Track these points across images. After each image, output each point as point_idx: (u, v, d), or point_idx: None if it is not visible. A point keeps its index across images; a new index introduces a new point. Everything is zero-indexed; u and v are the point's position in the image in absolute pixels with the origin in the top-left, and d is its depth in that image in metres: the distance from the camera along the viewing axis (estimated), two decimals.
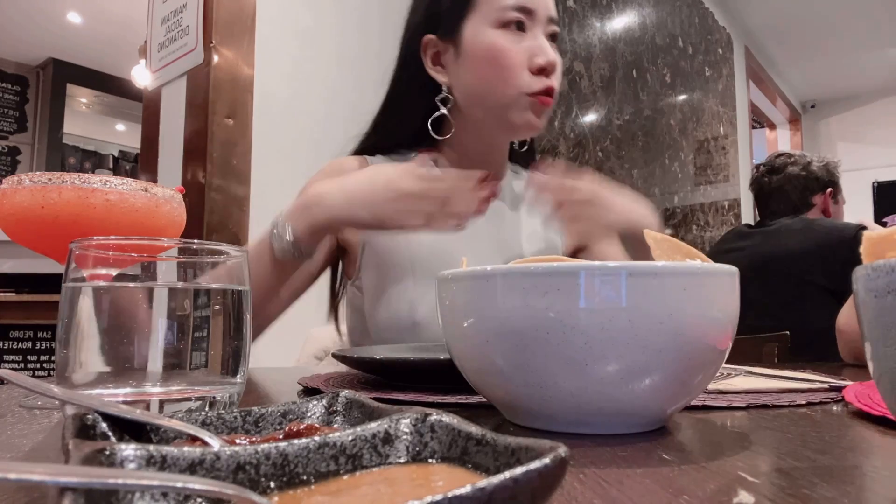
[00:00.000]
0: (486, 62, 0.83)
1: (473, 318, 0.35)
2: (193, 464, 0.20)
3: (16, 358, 2.20)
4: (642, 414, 0.35)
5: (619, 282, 0.31)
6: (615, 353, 0.32)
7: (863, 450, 0.31)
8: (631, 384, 0.33)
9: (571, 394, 0.33)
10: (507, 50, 0.82)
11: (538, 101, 0.83)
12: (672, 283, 0.32)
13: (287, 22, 1.71)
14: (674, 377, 0.33)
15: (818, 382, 0.53)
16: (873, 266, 0.25)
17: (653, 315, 0.31)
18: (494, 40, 0.83)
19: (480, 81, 0.85)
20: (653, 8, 3.34)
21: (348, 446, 0.23)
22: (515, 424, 0.38)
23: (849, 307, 0.96)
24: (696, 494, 0.23)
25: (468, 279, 0.35)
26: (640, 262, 0.32)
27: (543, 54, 0.82)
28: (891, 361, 0.25)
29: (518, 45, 0.83)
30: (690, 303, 0.32)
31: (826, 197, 1.88)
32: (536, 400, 0.34)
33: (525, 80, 0.83)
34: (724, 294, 0.34)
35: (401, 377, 0.55)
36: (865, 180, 5.27)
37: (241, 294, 0.41)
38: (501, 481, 0.16)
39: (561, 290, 0.32)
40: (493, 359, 0.35)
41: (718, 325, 0.34)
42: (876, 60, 5.09)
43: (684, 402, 0.36)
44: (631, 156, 3.09)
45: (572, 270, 0.32)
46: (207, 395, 0.38)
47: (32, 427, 0.37)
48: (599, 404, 0.33)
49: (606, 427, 0.35)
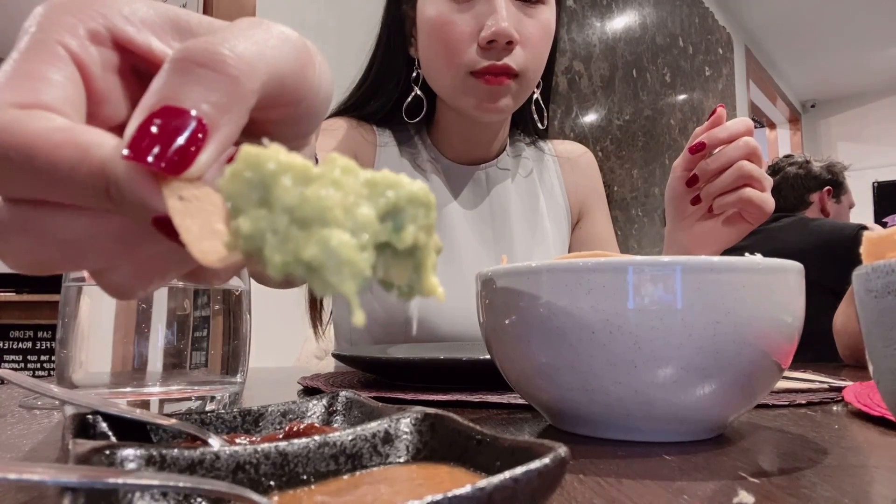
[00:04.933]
0: (429, 36, 0.73)
1: (515, 317, 0.33)
2: (193, 464, 0.20)
3: (16, 358, 2.20)
4: (698, 420, 0.33)
5: (671, 278, 0.29)
6: (667, 354, 0.30)
7: (863, 450, 0.31)
8: (685, 388, 0.30)
9: (619, 398, 0.31)
10: (449, 21, 0.71)
11: (484, 81, 0.71)
12: (729, 279, 0.29)
13: (287, 22, 1.70)
14: (732, 381, 0.31)
15: (818, 382, 0.53)
16: (873, 266, 0.25)
17: (708, 314, 0.29)
18: (437, 9, 0.72)
19: (427, 59, 0.76)
20: (653, 7, 3.34)
21: (348, 446, 0.23)
22: (561, 431, 0.36)
23: (844, 308, 0.96)
24: (696, 494, 0.23)
25: (509, 276, 0.34)
26: (694, 258, 0.30)
27: (493, 22, 0.68)
28: (891, 361, 0.25)
29: (464, 12, 0.71)
30: (750, 301, 0.30)
31: (823, 195, 1.88)
32: (583, 404, 0.32)
33: (470, 57, 0.71)
34: (788, 292, 0.31)
35: (401, 376, 0.55)
36: (865, 180, 5.27)
37: (241, 294, 0.41)
38: (501, 481, 0.16)
39: (607, 287, 0.30)
40: (535, 360, 0.33)
41: (781, 325, 0.31)
42: (876, 60, 5.09)
43: (746, 408, 0.34)
44: (631, 156, 3.09)
45: (620, 266, 0.30)
46: (207, 395, 0.38)
47: (32, 427, 0.37)
48: (650, 409, 0.31)
49: (659, 434, 0.33)
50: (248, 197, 0.16)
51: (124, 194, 0.17)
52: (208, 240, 0.16)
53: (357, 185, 0.17)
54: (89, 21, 0.19)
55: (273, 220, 0.16)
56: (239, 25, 0.19)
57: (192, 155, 0.17)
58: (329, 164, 0.17)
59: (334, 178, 0.17)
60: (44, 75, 0.18)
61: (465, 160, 0.87)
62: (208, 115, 0.17)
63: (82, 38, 0.19)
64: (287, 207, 0.16)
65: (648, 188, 3.20)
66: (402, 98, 0.82)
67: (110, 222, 0.18)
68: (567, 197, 0.95)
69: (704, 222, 0.71)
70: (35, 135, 0.16)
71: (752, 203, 0.65)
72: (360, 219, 0.17)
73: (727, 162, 0.64)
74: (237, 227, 0.16)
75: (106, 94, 0.20)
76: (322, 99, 0.22)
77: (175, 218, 0.16)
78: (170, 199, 0.16)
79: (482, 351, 0.56)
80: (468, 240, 0.84)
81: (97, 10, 0.19)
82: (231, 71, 0.18)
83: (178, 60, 0.18)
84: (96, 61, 0.19)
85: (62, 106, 0.18)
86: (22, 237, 0.18)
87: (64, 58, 0.18)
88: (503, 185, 0.88)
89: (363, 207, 0.17)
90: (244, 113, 0.18)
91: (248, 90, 0.18)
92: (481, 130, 0.84)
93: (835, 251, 1.58)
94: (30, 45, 0.18)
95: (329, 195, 0.16)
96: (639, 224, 3.13)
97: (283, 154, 0.16)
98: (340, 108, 0.87)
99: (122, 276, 0.19)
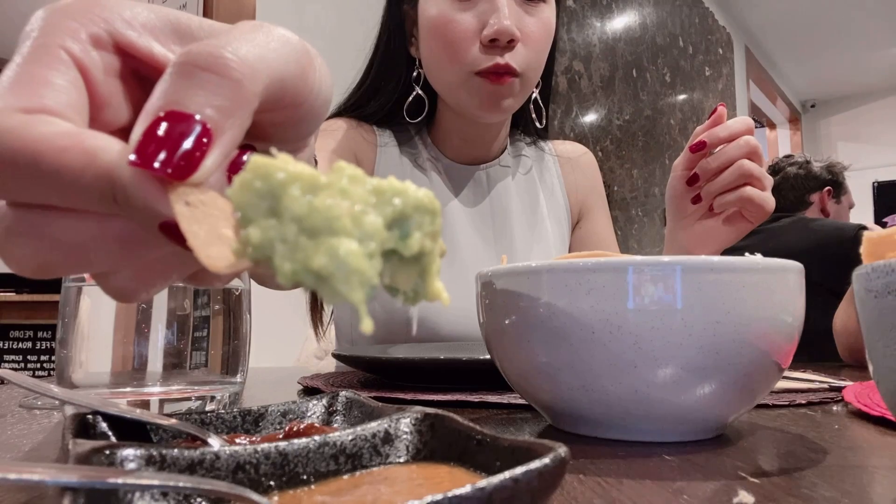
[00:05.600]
0: (431, 35, 0.73)
1: (515, 317, 0.33)
2: (193, 464, 0.20)
3: (16, 358, 2.20)
4: (698, 420, 0.33)
5: (671, 278, 0.29)
6: (667, 354, 0.30)
7: (863, 450, 0.31)
8: (685, 388, 0.30)
9: (619, 397, 0.31)
10: (451, 20, 0.71)
11: (488, 80, 0.71)
12: (729, 279, 0.29)
13: (288, 21, 1.70)
14: (733, 381, 0.31)
15: (818, 382, 0.53)
16: (873, 266, 0.25)
17: (708, 314, 0.29)
18: (439, 8, 0.72)
19: (428, 59, 0.76)
20: (653, 7, 3.34)
21: (348, 446, 0.23)
22: (561, 431, 0.36)
23: (844, 308, 0.96)
24: (696, 494, 0.23)
25: (509, 276, 0.34)
26: (694, 258, 0.30)
27: (495, 21, 0.69)
28: (891, 361, 0.25)
29: (466, 11, 0.71)
30: (750, 301, 0.30)
31: (823, 195, 1.88)
32: (583, 404, 0.32)
33: (473, 56, 0.71)
34: (788, 292, 0.31)
35: (401, 376, 0.55)
36: (865, 180, 5.27)
37: (241, 294, 0.41)
38: (501, 481, 0.16)
39: (607, 287, 0.30)
40: (535, 360, 0.33)
41: (781, 325, 0.31)
42: (876, 60, 5.09)
43: (746, 408, 0.34)
44: (631, 156, 3.09)
45: (620, 266, 0.30)
46: (207, 395, 0.38)
47: (32, 427, 0.37)
48: (650, 409, 0.31)
49: (659, 434, 0.33)
50: (258, 206, 0.16)
51: (131, 199, 0.17)
52: (215, 245, 0.16)
53: (364, 194, 0.17)
54: (91, 25, 0.19)
55: (282, 230, 0.16)
56: (240, 29, 0.19)
57: (197, 160, 0.17)
58: (337, 172, 0.17)
59: (342, 187, 0.17)
60: (47, 80, 0.18)
61: (465, 160, 0.87)
62: (213, 120, 0.17)
63: (84, 43, 0.19)
64: (296, 217, 0.16)
65: (648, 188, 3.20)
66: (402, 98, 0.82)
67: (113, 226, 0.18)
68: (567, 197, 0.95)
69: (705, 221, 0.71)
70: (40, 139, 0.16)
71: (753, 202, 0.65)
72: (368, 227, 0.17)
73: (728, 161, 0.64)
74: (247, 237, 0.16)
75: (107, 98, 0.20)
76: (322, 101, 0.22)
77: (182, 223, 0.16)
78: (176, 204, 0.16)
79: (482, 351, 0.56)
80: (469, 240, 0.84)
81: (98, 15, 0.19)
82: (234, 74, 0.18)
83: (181, 64, 0.18)
84: (98, 66, 0.19)
85: (66, 110, 0.18)
86: (26, 241, 0.18)
87: (67, 62, 0.18)
88: (504, 184, 0.88)
89: (370, 216, 0.17)
90: (248, 116, 0.18)
91: (252, 93, 0.18)
92: (482, 130, 0.84)
93: (835, 251, 1.58)
94: (33, 49, 0.18)
95: (337, 204, 0.16)
96: (639, 224, 3.13)
97: (292, 164, 0.17)
98: (340, 109, 0.87)
99: (125, 280, 0.20)
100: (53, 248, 0.18)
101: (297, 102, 0.21)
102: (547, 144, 0.98)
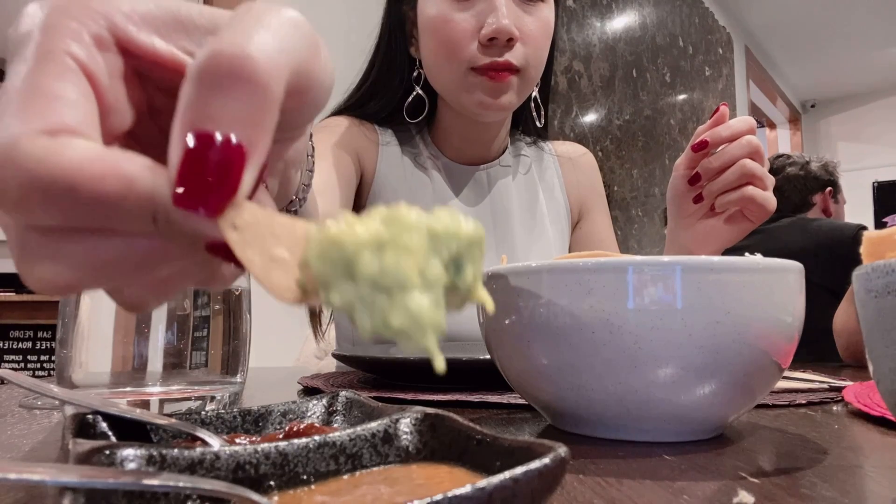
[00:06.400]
0: (430, 34, 0.74)
1: (515, 317, 0.33)
2: (193, 464, 0.20)
3: (16, 358, 2.20)
4: (698, 420, 0.32)
5: (671, 278, 0.29)
6: (667, 354, 0.30)
7: (863, 450, 0.31)
8: (685, 388, 0.30)
9: (620, 398, 0.31)
10: (450, 20, 0.71)
11: (487, 77, 0.72)
12: (729, 279, 0.29)
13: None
14: (732, 381, 0.31)
15: (818, 382, 0.53)
16: (873, 266, 0.25)
17: (708, 314, 0.29)
18: (438, 8, 0.73)
19: (428, 57, 0.76)
20: (653, 7, 3.34)
21: (348, 446, 0.23)
22: (561, 430, 0.36)
23: (844, 308, 0.96)
24: (696, 494, 0.23)
25: (509, 276, 0.34)
26: (694, 257, 0.30)
27: (493, 20, 0.69)
28: (891, 361, 0.25)
29: (464, 11, 0.72)
30: (750, 301, 0.30)
31: (826, 196, 1.89)
32: (583, 403, 0.32)
33: (471, 54, 0.71)
34: (788, 292, 0.31)
35: (401, 376, 0.55)
36: (865, 180, 5.26)
37: (241, 294, 0.41)
38: (501, 481, 0.16)
39: (607, 287, 0.30)
40: (535, 360, 0.33)
41: (781, 325, 0.31)
42: (876, 60, 5.09)
43: (746, 408, 0.34)
44: (631, 156, 3.09)
45: (620, 266, 0.30)
46: (207, 395, 0.38)
47: (32, 427, 0.37)
48: (650, 409, 0.31)
49: (659, 434, 0.33)
50: (336, 274, 0.18)
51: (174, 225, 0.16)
52: (273, 270, 0.17)
53: (423, 243, 0.18)
54: (92, 25, 0.18)
55: (359, 291, 0.18)
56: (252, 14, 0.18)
57: (236, 182, 0.16)
58: (396, 224, 0.18)
59: (404, 244, 0.18)
60: (60, 93, 0.17)
61: (465, 160, 0.87)
62: (246, 137, 0.17)
63: (89, 46, 0.18)
64: (369, 278, 0.18)
65: (648, 188, 3.20)
66: (403, 98, 0.82)
67: (138, 244, 0.17)
68: (567, 197, 0.95)
69: (706, 221, 0.71)
70: (74, 166, 0.16)
71: (754, 201, 0.65)
72: (432, 277, 0.18)
73: (730, 160, 0.64)
74: (329, 300, 0.18)
75: (113, 104, 0.19)
76: (326, 89, 0.21)
77: (236, 250, 0.17)
78: (226, 228, 0.17)
79: (482, 351, 0.56)
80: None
81: (97, 11, 0.18)
82: (261, 78, 0.17)
83: (203, 71, 0.16)
84: (103, 71, 0.18)
85: (84, 128, 0.17)
86: (51, 265, 0.17)
87: (75, 71, 0.17)
88: (504, 184, 0.88)
89: (432, 265, 0.18)
90: (276, 117, 0.18)
91: (278, 95, 0.17)
92: (482, 130, 0.84)
93: (835, 251, 1.58)
94: (37, 57, 0.17)
95: (403, 262, 0.18)
96: (639, 224, 3.13)
97: (358, 226, 0.18)
98: (341, 108, 0.87)
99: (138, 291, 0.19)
100: (76, 269, 0.17)
101: (304, 90, 0.20)
102: (547, 144, 0.98)
